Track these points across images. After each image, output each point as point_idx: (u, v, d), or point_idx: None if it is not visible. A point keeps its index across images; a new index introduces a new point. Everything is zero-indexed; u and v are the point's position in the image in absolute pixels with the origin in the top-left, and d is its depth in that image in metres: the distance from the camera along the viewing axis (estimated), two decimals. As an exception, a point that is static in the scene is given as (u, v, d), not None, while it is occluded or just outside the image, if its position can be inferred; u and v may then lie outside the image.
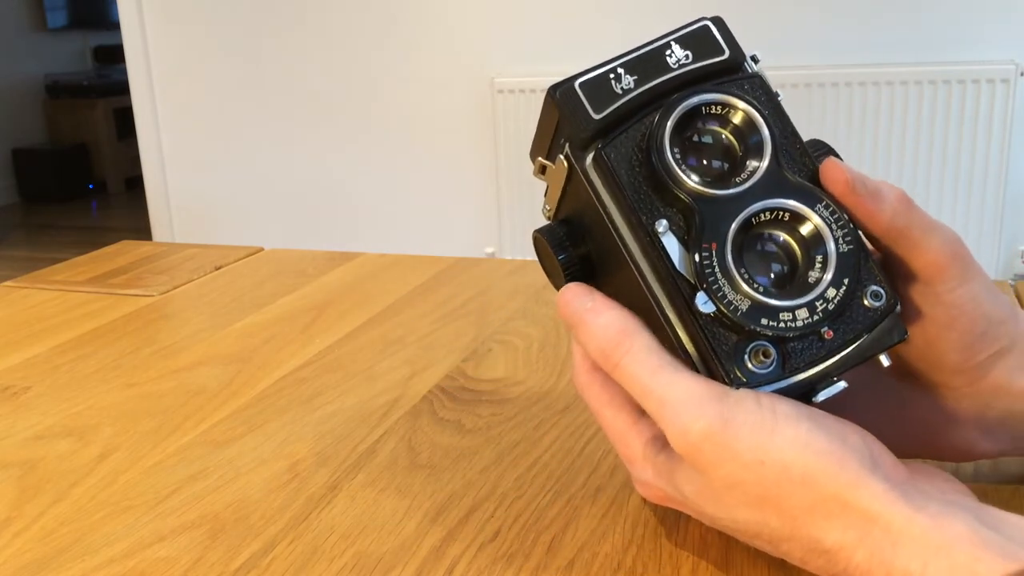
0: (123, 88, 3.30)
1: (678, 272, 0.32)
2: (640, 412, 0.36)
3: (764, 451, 0.30)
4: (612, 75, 0.33)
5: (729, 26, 0.35)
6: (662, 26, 0.36)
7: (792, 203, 0.32)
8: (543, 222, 0.38)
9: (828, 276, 0.32)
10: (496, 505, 0.41)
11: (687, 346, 0.33)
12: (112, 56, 5.27)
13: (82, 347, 0.64)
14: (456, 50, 2.60)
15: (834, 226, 0.32)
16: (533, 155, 0.37)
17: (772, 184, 0.32)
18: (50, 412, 0.53)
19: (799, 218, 0.32)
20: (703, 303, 0.31)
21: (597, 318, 0.34)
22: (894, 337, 0.33)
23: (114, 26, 3.79)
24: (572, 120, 0.33)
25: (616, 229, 0.33)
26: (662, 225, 0.32)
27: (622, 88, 0.33)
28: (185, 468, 0.46)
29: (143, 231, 3.33)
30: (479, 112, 2.59)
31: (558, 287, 0.37)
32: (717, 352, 0.32)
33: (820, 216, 0.32)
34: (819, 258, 0.32)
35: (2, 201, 5.02)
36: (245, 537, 0.39)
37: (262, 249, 0.88)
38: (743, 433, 0.31)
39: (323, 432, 0.49)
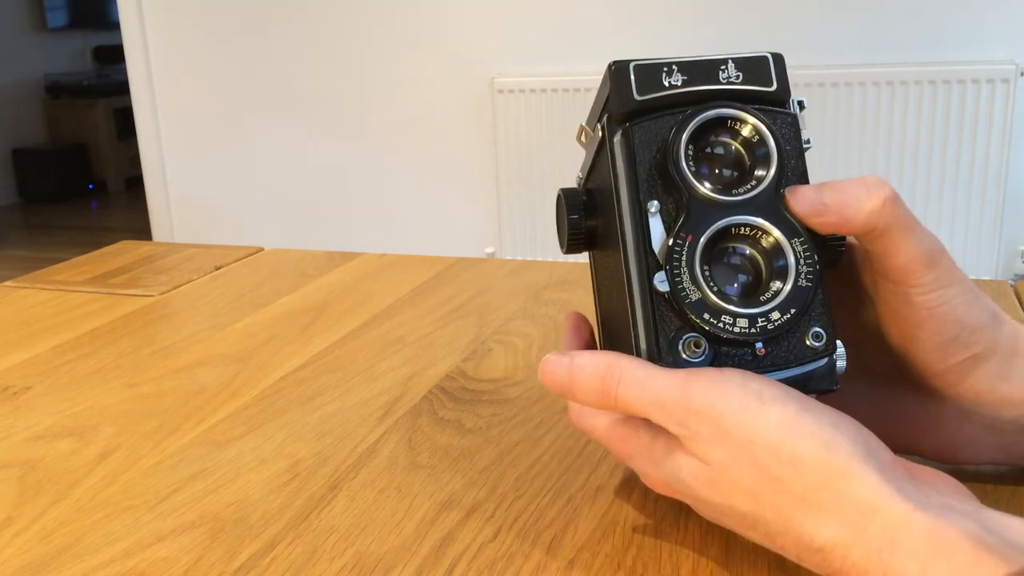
0: (123, 88, 3.30)
1: (651, 250, 0.34)
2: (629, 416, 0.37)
3: (752, 431, 0.31)
4: (665, 68, 0.36)
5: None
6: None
7: (772, 228, 0.35)
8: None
9: (778, 300, 0.34)
10: (496, 505, 0.41)
11: (638, 320, 0.35)
12: (112, 56, 5.27)
13: (82, 347, 0.64)
14: (456, 50, 2.60)
15: (802, 261, 0.34)
16: (588, 123, 0.40)
17: (764, 206, 0.35)
18: (50, 412, 0.53)
19: (774, 243, 0.35)
20: (660, 281, 0.34)
21: (583, 373, 0.35)
22: (823, 384, 0.35)
23: (114, 26, 3.79)
24: (617, 94, 0.36)
25: (618, 200, 0.36)
26: (653, 206, 0.35)
27: (670, 82, 0.36)
28: (185, 468, 0.46)
29: (143, 231, 3.33)
30: (479, 112, 2.58)
31: (562, 246, 0.40)
32: (659, 332, 0.35)
33: (792, 249, 0.34)
34: (778, 283, 0.34)
35: (2, 201, 5.02)
36: (245, 537, 0.39)
37: (262, 249, 0.88)
38: (730, 414, 0.31)
39: (323, 432, 0.49)
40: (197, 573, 0.37)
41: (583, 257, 0.43)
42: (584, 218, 0.39)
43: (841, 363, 0.35)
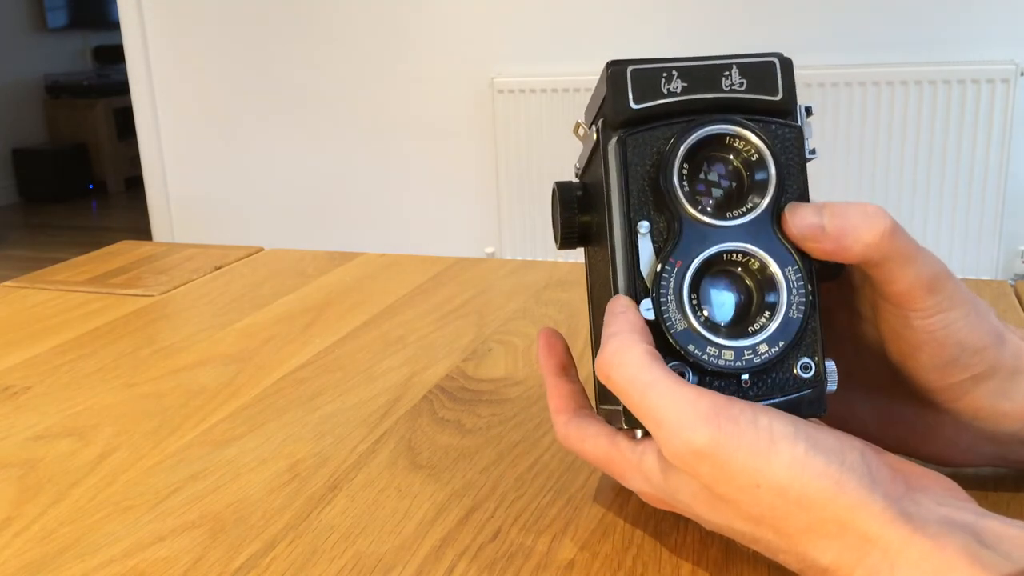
0: (123, 88, 3.30)
1: (639, 275, 0.34)
2: (615, 432, 0.36)
3: (760, 475, 0.30)
4: (664, 73, 0.34)
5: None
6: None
7: (765, 256, 0.33)
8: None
9: (767, 333, 0.33)
10: (496, 505, 0.41)
11: None
12: (112, 56, 5.27)
13: (82, 347, 0.64)
14: (456, 50, 2.60)
15: (794, 291, 0.33)
16: (585, 117, 0.39)
17: (757, 231, 0.34)
18: (50, 412, 0.53)
19: (766, 271, 0.34)
20: (646, 310, 0.33)
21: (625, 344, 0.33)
22: (811, 409, 0.34)
23: (114, 26, 3.80)
24: (613, 100, 0.34)
25: (610, 212, 0.35)
26: (643, 227, 0.34)
27: (669, 89, 0.34)
28: (185, 468, 0.46)
29: (143, 231, 3.33)
30: (479, 112, 2.58)
31: (556, 241, 0.40)
32: None
33: (785, 278, 0.33)
34: (768, 313, 0.33)
35: (2, 201, 5.03)
36: (245, 537, 0.39)
37: (262, 249, 0.88)
38: (739, 455, 0.30)
39: (323, 432, 0.49)
40: (197, 573, 0.37)
41: (582, 257, 0.43)
42: (578, 214, 0.38)
43: (832, 384, 0.34)
